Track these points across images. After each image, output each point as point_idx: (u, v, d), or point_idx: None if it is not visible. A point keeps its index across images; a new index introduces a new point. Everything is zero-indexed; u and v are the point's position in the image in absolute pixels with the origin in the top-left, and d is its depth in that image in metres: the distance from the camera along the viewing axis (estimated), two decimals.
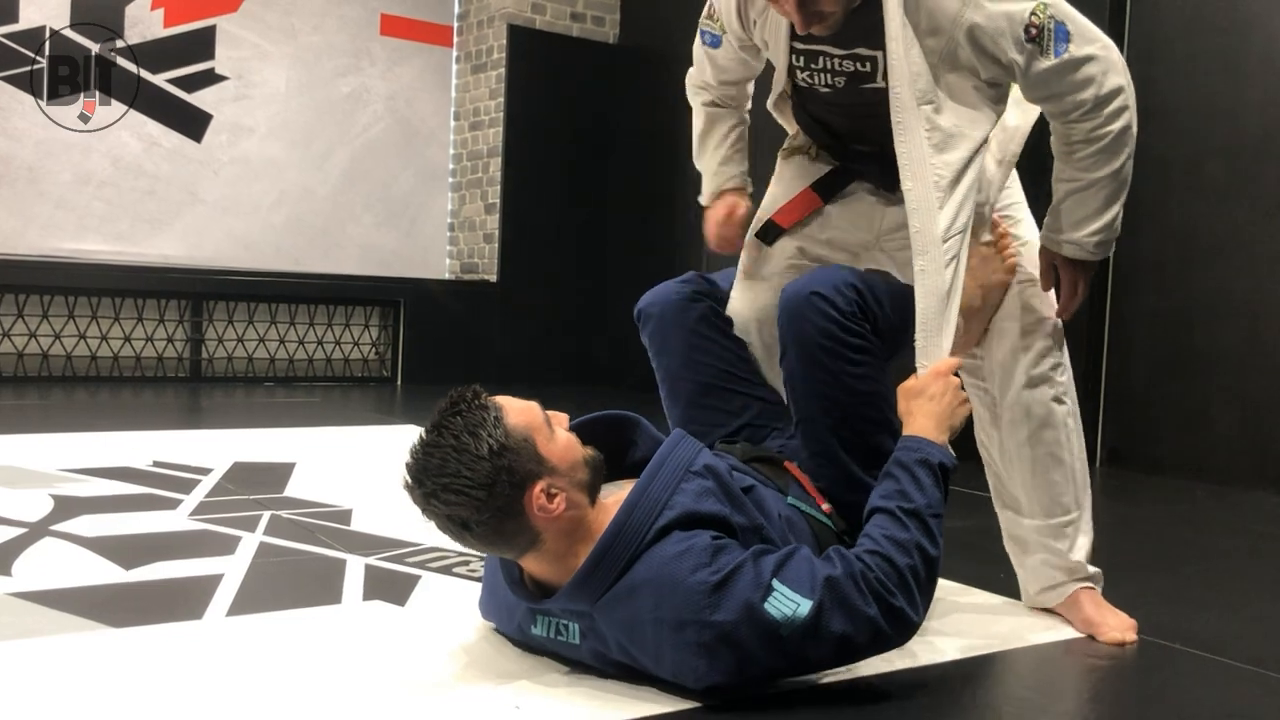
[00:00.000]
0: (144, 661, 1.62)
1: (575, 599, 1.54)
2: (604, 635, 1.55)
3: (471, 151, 6.91)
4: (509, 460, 1.50)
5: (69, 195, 5.85)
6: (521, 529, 1.53)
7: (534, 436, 1.54)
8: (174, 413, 4.89)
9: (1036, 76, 1.81)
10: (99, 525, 2.47)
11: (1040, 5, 1.79)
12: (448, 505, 1.51)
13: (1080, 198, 1.89)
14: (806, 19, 1.78)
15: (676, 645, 1.47)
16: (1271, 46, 3.87)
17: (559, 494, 1.53)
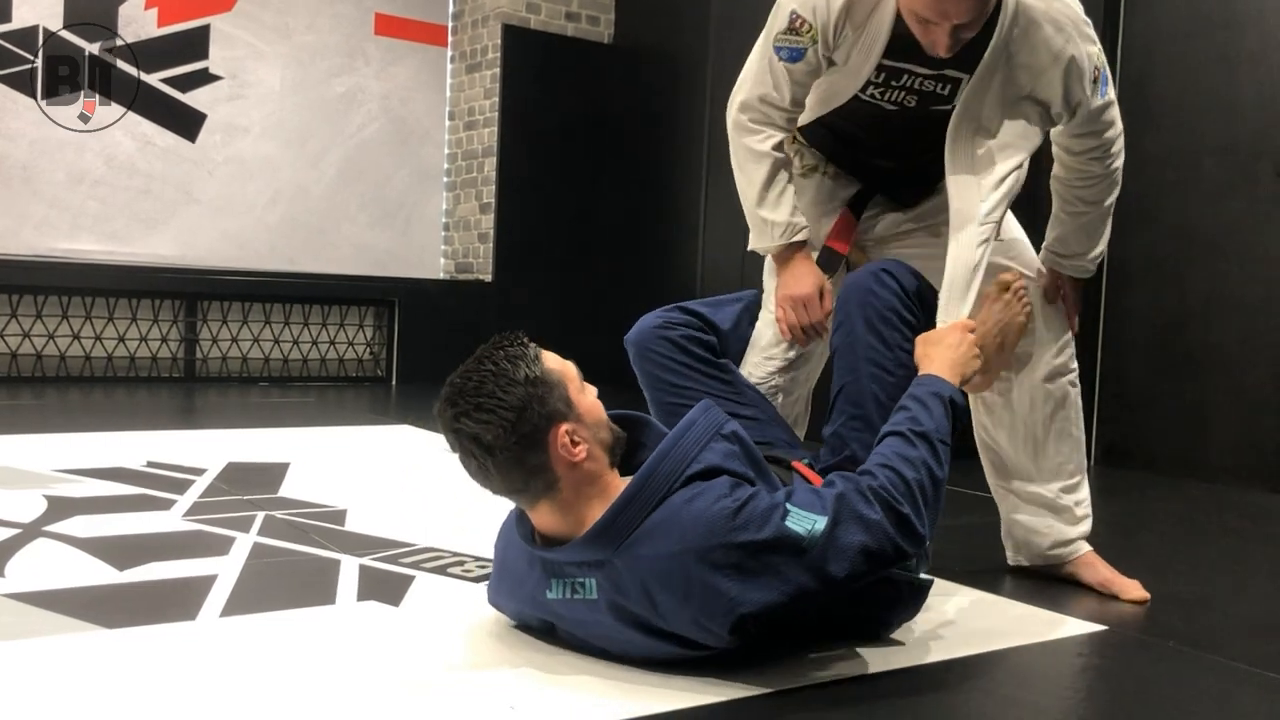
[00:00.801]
0: (138, 662, 1.62)
1: (597, 545, 1.56)
2: (624, 584, 1.55)
3: (466, 151, 6.90)
4: (542, 391, 1.57)
5: (63, 195, 5.84)
6: (541, 467, 1.57)
7: (567, 383, 1.62)
8: (168, 413, 4.88)
9: (1090, 114, 2.03)
10: (93, 526, 2.46)
11: (1099, 50, 2.02)
12: (477, 423, 1.55)
13: (1090, 226, 2.17)
14: (953, 44, 1.89)
15: (706, 571, 1.50)
16: (1265, 45, 3.88)
17: (582, 442, 1.59)
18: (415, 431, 4.36)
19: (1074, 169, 2.14)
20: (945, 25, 1.84)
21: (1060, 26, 1.95)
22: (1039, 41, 1.94)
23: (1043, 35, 1.94)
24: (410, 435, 4.28)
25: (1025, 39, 1.94)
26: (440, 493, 3.17)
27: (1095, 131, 2.07)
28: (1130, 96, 4.26)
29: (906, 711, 1.57)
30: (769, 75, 2.09)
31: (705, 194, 5.40)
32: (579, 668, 1.63)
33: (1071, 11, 1.98)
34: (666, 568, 1.52)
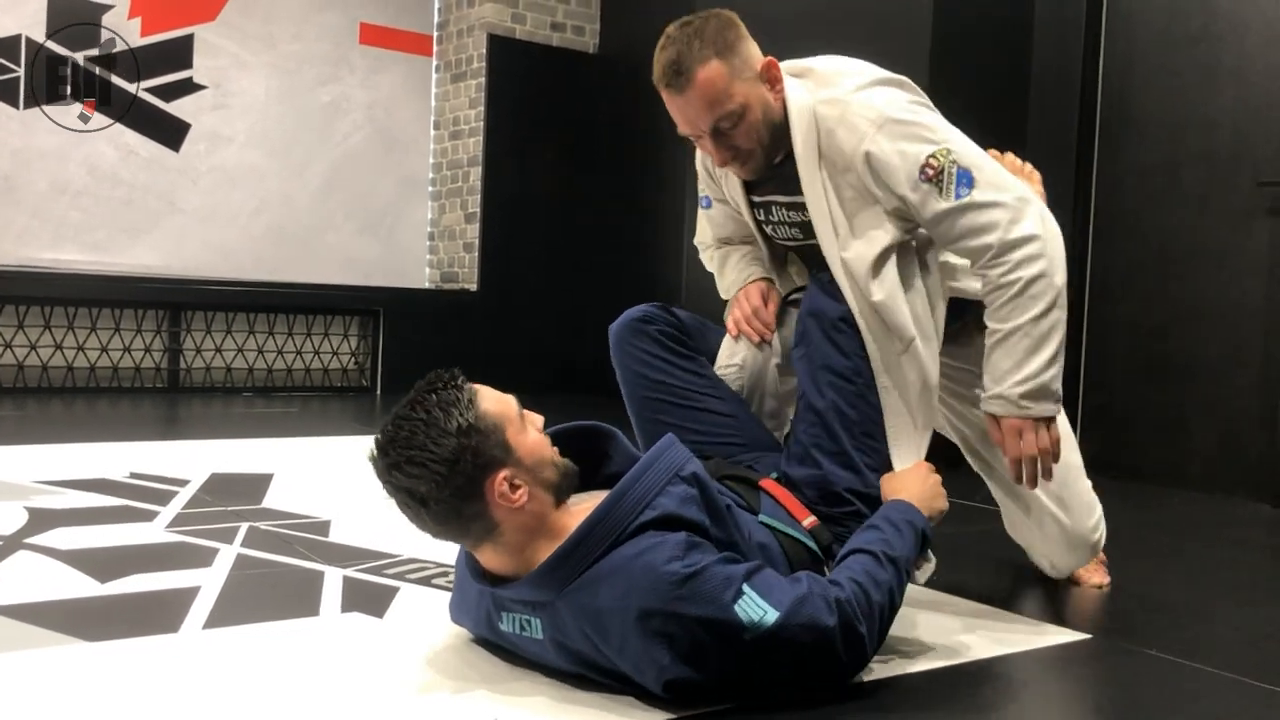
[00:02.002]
0: (119, 676, 1.61)
1: (540, 587, 1.53)
2: (566, 626, 1.54)
3: (451, 160, 6.90)
4: (476, 441, 1.52)
5: (45, 205, 5.82)
6: (479, 514, 1.55)
7: (505, 425, 1.56)
8: (151, 423, 4.86)
9: (934, 216, 1.88)
10: (74, 538, 2.45)
11: (943, 150, 1.87)
12: (409, 478, 1.52)
13: (1003, 348, 1.89)
14: (722, 155, 1.94)
15: (642, 634, 1.46)
16: (1243, 58, 3.91)
17: (522, 486, 1.55)
18: None
19: (979, 278, 1.94)
20: (706, 138, 1.93)
21: (853, 127, 1.90)
22: (838, 145, 1.91)
23: (837, 140, 1.91)
24: None
25: (830, 145, 1.92)
26: None
27: (959, 235, 1.89)
28: (1111, 109, 4.29)
29: None
30: (700, 219, 2.33)
31: (689, 204, 5.41)
32: (564, 680, 1.63)
33: (874, 112, 1.90)
34: (606, 622, 1.49)
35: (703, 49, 1.87)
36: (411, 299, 6.67)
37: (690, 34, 1.90)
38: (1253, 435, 3.84)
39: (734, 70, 1.90)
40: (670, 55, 1.90)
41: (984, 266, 1.88)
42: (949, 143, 1.88)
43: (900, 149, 1.87)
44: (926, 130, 1.89)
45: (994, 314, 1.90)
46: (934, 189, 1.86)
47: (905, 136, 1.87)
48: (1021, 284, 1.84)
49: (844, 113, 1.90)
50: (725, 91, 1.89)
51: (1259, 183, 3.83)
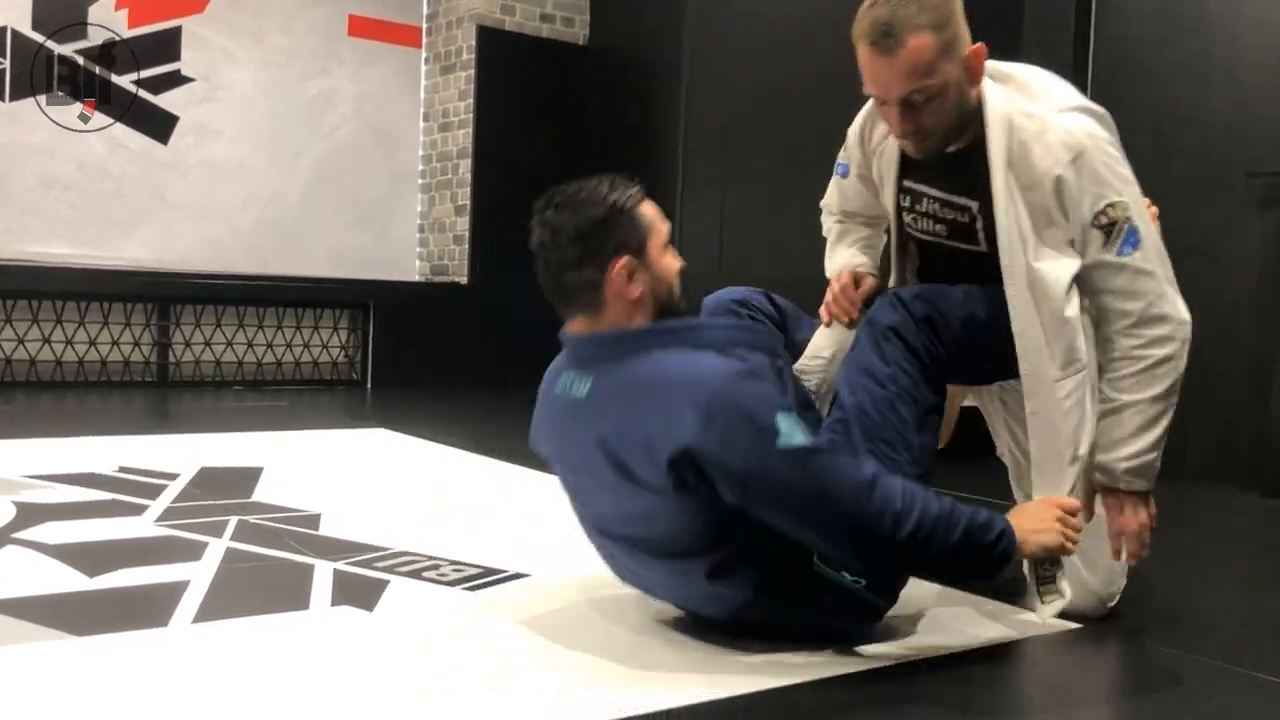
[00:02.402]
0: (108, 670, 1.60)
1: (610, 344, 1.73)
2: (610, 389, 1.69)
3: (441, 153, 6.88)
4: (623, 221, 1.74)
5: (34, 199, 5.79)
6: (593, 284, 1.74)
7: (652, 232, 1.76)
8: (141, 418, 4.85)
9: (1093, 262, 1.86)
10: (63, 532, 2.44)
11: (1123, 203, 1.85)
12: (557, 218, 1.76)
13: (1115, 418, 1.87)
14: (904, 125, 1.87)
15: (684, 398, 1.58)
16: (1235, 52, 3.91)
17: (639, 283, 1.73)
18: (390, 435, 4.34)
19: (1100, 344, 1.90)
20: (892, 104, 1.85)
21: (1050, 148, 1.85)
22: (1030, 161, 1.86)
23: (1031, 155, 1.86)
24: (385, 439, 4.26)
25: (1021, 158, 1.87)
26: (415, 497, 3.16)
27: (1106, 291, 1.86)
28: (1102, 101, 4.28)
29: (879, 711, 1.57)
30: (832, 183, 2.29)
31: (681, 196, 5.41)
32: (555, 671, 1.62)
33: (1073, 139, 1.85)
34: (651, 383, 1.63)
35: (920, 14, 1.79)
36: (402, 292, 6.66)
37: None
38: (1244, 426, 3.85)
39: (943, 47, 1.81)
40: (883, 14, 1.80)
41: (1117, 332, 1.86)
42: (1129, 197, 1.86)
43: (1086, 186, 1.84)
44: (1115, 177, 1.86)
45: (1114, 382, 1.87)
46: (1101, 237, 1.85)
47: (1095, 176, 1.84)
48: (1151, 361, 1.84)
49: (1043, 130, 1.86)
50: (930, 65, 1.81)
51: (1249, 174, 3.83)
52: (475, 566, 2.28)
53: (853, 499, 1.57)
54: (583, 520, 1.89)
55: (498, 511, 2.97)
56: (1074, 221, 1.86)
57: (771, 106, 4.99)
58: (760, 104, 5.06)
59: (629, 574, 1.89)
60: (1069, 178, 1.84)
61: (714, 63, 5.26)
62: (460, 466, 3.70)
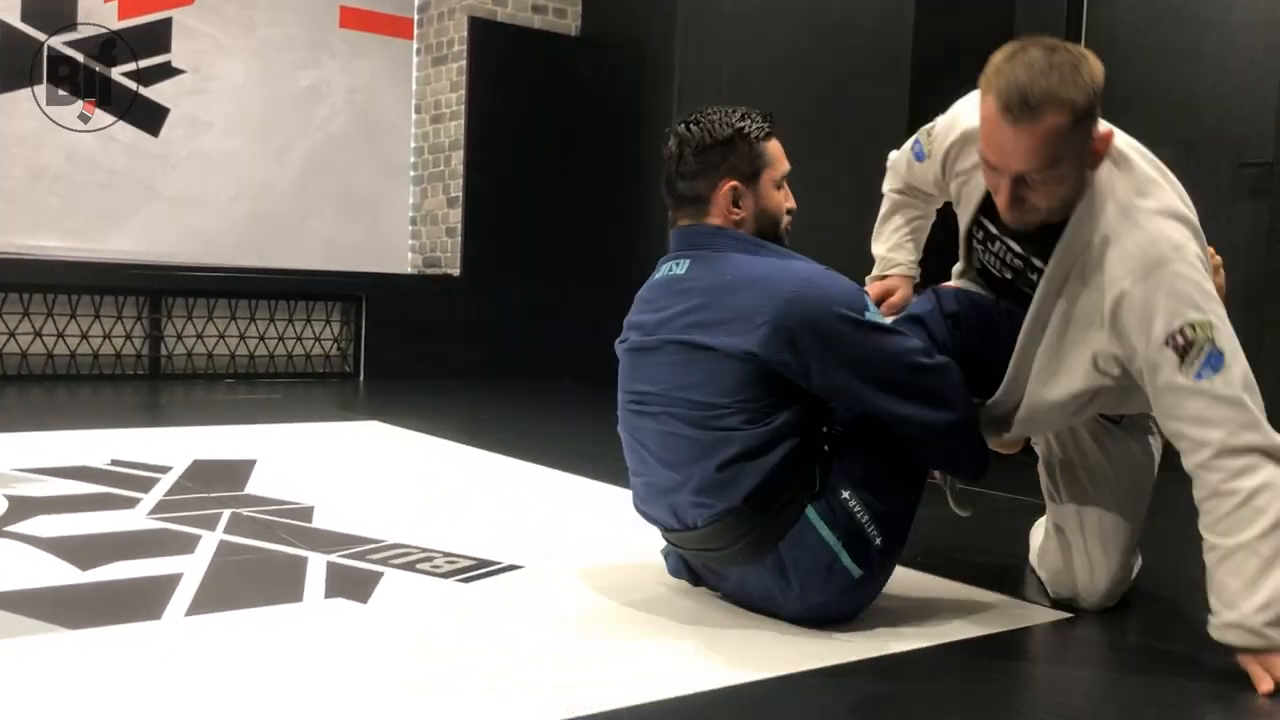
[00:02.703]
0: (101, 663, 1.60)
1: (719, 237, 1.89)
2: (709, 271, 1.85)
3: (433, 145, 6.87)
4: (743, 147, 1.91)
5: (22, 191, 5.76)
6: (702, 197, 1.91)
7: (770, 167, 1.93)
8: (133, 410, 4.84)
9: (1164, 385, 1.69)
10: (55, 526, 2.43)
11: (1206, 323, 1.67)
12: (690, 129, 1.92)
13: (1227, 567, 1.65)
14: (1010, 199, 1.73)
15: (781, 281, 1.77)
16: (1225, 39, 3.92)
17: (743, 211, 1.91)
18: (383, 427, 4.34)
19: (1190, 476, 1.71)
20: (1005, 176, 1.70)
21: (1127, 254, 1.71)
22: (1105, 258, 1.73)
23: (1109, 253, 1.73)
24: (378, 431, 4.26)
25: (1097, 250, 1.75)
26: (408, 489, 3.16)
27: (1179, 417, 1.68)
28: None
29: (871, 701, 1.58)
30: (903, 155, 2.21)
31: None
32: (548, 662, 1.63)
33: (1156, 250, 1.70)
34: (748, 267, 1.82)
35: (1064, 87, 1.64)
36: (394, 284, 6.65)
37: (1064, 70, 1.65)
38: None
39: (1076, 134, 1.67)
40: (1025, 78, 1.64)
41: (1198, 466, 1.67)
42: (1214, 316, 1.68)
43: (1164, 302, 1.67)
44: (1200, 295, 1.68)
45: (1213, 526, 1.66)
46: (1176, 358, 1.66)
47: (1176, 292, 1.67)
48: (1244, 495, 1.62)
49: (1132, 231, 1.73)
50: (1058, 149, 1.66)
51: (1240, 164, 3.84)
52: (469, 558, 2.28)
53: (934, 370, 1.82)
54: (626, 395, 1.99)
55: (491, 503, 2.97)
56: (1131, 335, 1.71)
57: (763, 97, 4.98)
58: (752, 94, 5.05)
59: (643, 466, 1.96)
60: (1135, 294, 1.70)
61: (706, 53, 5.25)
62: (453, 459, 3.70)
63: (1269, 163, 3.75)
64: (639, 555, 2.30)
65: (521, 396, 5.76)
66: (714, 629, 1.85)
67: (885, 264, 2.25)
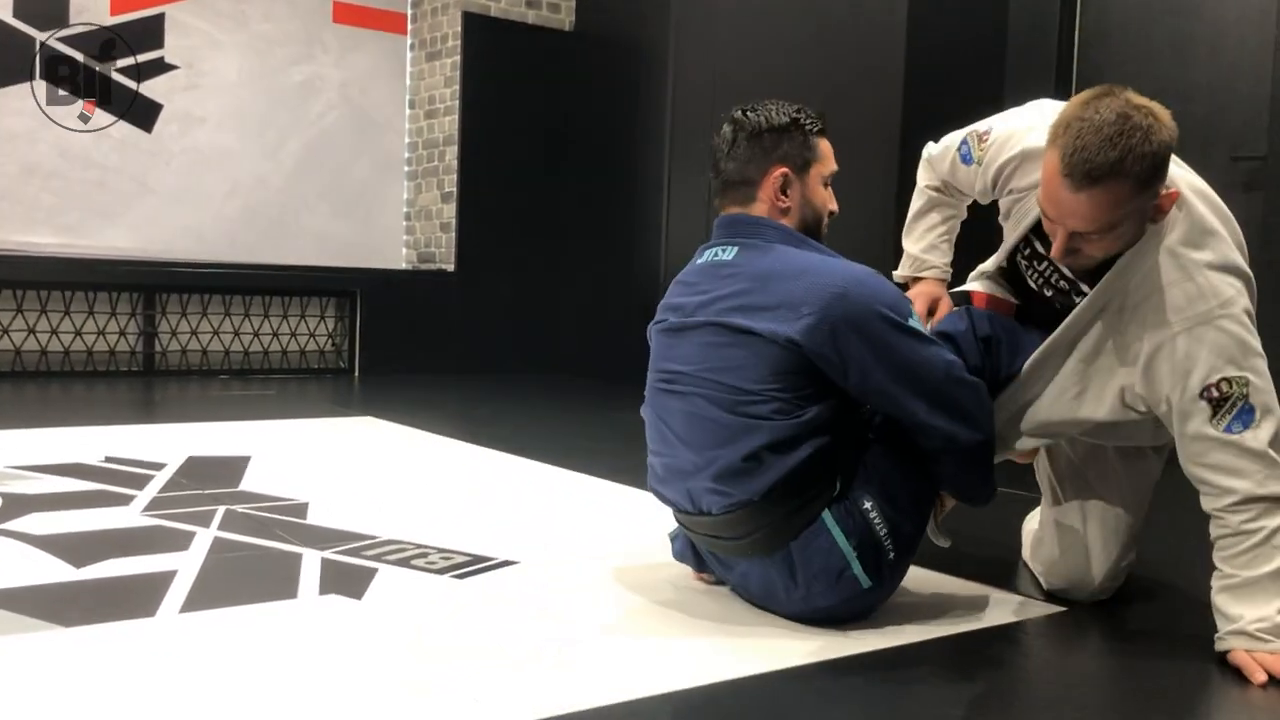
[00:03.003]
0: (96, 661, 1.60)
1: (767, 229, 1.89)
2: (751, 260, 1.86)
3: (427, 140, 6.86)
4: (797, 136, 1.93)
5: (15, 187, 5.75)
6: (752, 181, 1.92)
7: (819, 162, 1.94)
8: (127, 407, 4.83)
9: (1193, 434, 1.72)
10: (49, 523, 2.43)
11: (1243, 379, 1.70)
12: (746, 115, 1.95)
13: (1235, 594, 1.71)
14: (1065, 250, 1.74)
15: (827, 277, 1.78)
16: (1219, 31, 3.92)
17: (790, 200, 1.91)
18: (378, 423, 4.33)
19: (1212, 516, 1.75)
20: (1062, 228, 1.70)
21: (1177, 307, 1.72)
22: (1151, 305, 1.75)
23: (1154, 301, 1.74)
24: (373, 427, 4.25)
25: (1144, 296, 1.76)
26: (403, 485, 3.16)
27: (1207, 465, 1.72)
28: (1087, 82, 4.29)
29: (866, 694, 1.58)
30: (949, 149, 2.15)
31: (668, 181, 5.40)
32: (542, 661, 1.63)
33: (1205, 305, 1.71)
34: (796, 258, 1.83)
35: (1130, 162, 1.62)
36: (389, 280, 6.64)
37: (1133, 138, 1.63)
38: None
39: (1135, 202, 1.67)
40: (1091, 150, 1.62)
41: (1223, 510, 1.71)
42: (1251, 374, 1.70)
43: (1205, 355, 1.70)
44: (1240, 352, 1.71)
45: (1230, 560, 1.71)
46: (1209, 410, 1.70)
47: (1218, 347, 1.70)
48: (1265, 534, 1.67)
49: (1184, 282, 1.73)
50: (1118, 216, 1.67)
51: (1234, 158, 3.85)
52: (463, 554, 2.28)
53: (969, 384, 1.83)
54: (656, 374, 1.99)
55: (486, 499, 2.97)
56: (1161, 383, 1.75)
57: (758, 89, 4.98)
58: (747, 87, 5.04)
59: (665, 446, 1.95)
60: (1178, 345, 1.72)
61: (700, 47, 5.25)
62: (448, 454, 3.70)
63: (1262, 156, 3.75)
64: (635, 550, 2.30)
65: (516, 392, 5.76)
66: (712, 623, 1.85)
67: (919, 265, 2.22)
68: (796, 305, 1.76)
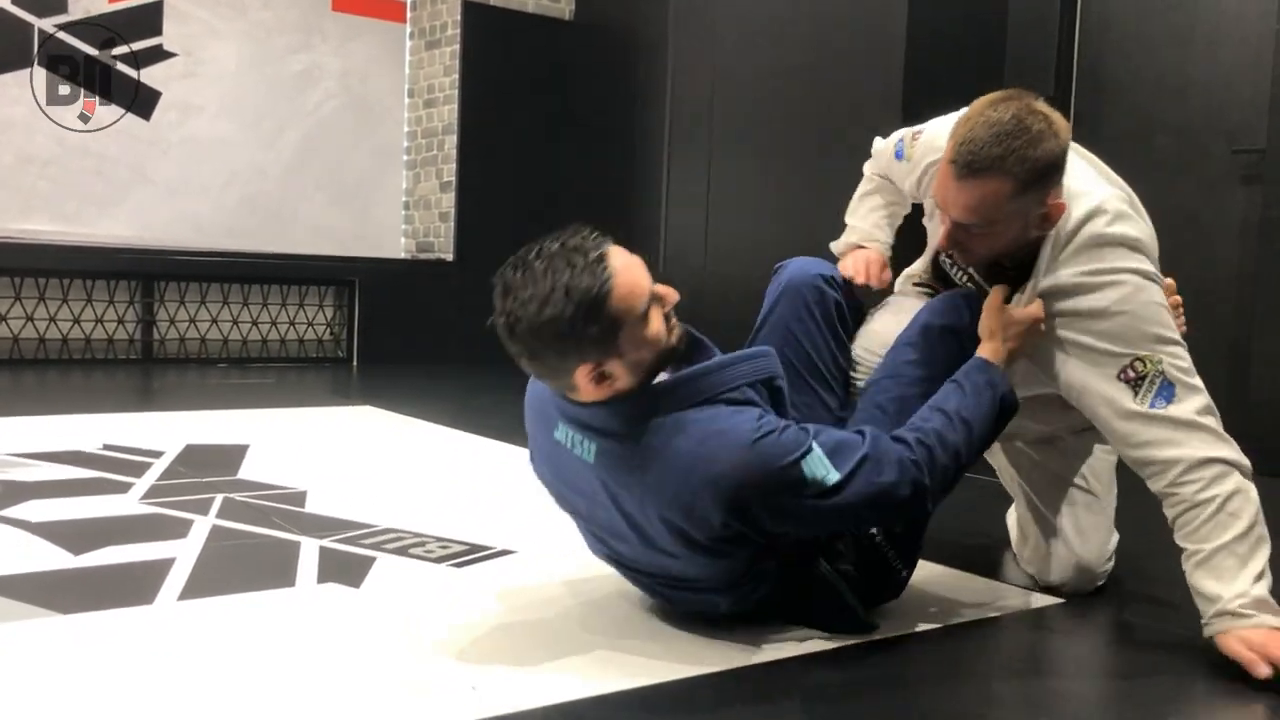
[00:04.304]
0: (94, 648, 1.60)
1: (611, 418, 1.59)
2: (621, 461, 1.59)
3: (426, 129, 6.85)
4: (591, 329, 1.51)
5: (13, 175, 5.74)
6: (563, 376, 1.57)
7: (623, 323, 1.54)
8: (125, 395, 4.83)
9: (1121, 414, 1.76)
10: (47, 510, 2.43)
11: (1155, 357, 1.75)
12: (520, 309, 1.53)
13: (1205, 569, 1.70)
14: (950, 242, 1.79)
15: (704, 484, 1.53)
16: (1219, 25, 3.92)
17: (613, 376, 1.56)
18: (376, 412, 4.34)
19: (1162, 496, 1.78)
20: (947, 218, 1.75)
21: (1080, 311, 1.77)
22: (1062, 310, 1.79)
23: (1066, 305, 1.78)
24: (371, 416, 4.26)
25: (1059, 300, 1.79)
26: (401, 474, 3.16)
27: (1149, 442, 1.75)
28: (1086, 75, 4.29)
29: (864, 683, 1.59)
30: (889, 143, 2.15)
31: (667, 171, 5.40)
32: (541, 648, 1.63)
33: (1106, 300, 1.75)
34: (671, 467, 1.55)
35: (1012, 166, 1.65)
36: (387, 269, 6.64)
37: (1021, 140, 1.65)
38: (1222, 402, 3.86)
39: (1019, 201, 1.69)
40: (978, 144, 1.66)
41: (1171, 484, 1.73)
42: (1164, 354, 1.75)
43: (1114, 347, 1.75)
44: (1145, 341, 1.75)
45: (1191, 535, 1.71)
46: (1130, 390, 1.75)
47: (1126, 339, 1.75)
48: (1220, 500, 1.69)
49: (1089, 283, 1.77)
50: (995, 213, 1.70)
51: (1233, 150, 3.84)
52: (461, 544, 2.29)
53: (895, 490, 1.60)
54: (588, 536, 1.85)
55: (484, 489, 2.98)
56: (1089, 377, 1.79)
57: (757, 80, 4.98)
58: (746, 77, 5.04)
59: (631, 577, 1.85)
60: (1086, 342, 1.78)
61: (700, 36, 5.24)
62: (446, 444, 3.70)
63: (1261, 149, 3.75)
64: None
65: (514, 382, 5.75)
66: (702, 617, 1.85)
67: (864, 235, 2.21)
68: (690, 514, 1.57)
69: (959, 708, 1.56)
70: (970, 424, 1.70)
